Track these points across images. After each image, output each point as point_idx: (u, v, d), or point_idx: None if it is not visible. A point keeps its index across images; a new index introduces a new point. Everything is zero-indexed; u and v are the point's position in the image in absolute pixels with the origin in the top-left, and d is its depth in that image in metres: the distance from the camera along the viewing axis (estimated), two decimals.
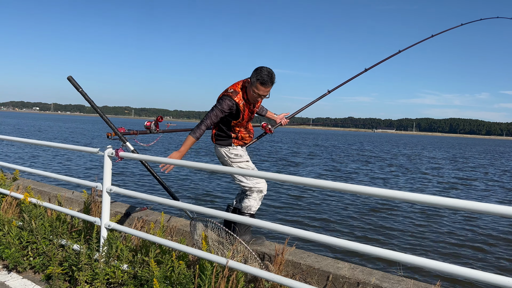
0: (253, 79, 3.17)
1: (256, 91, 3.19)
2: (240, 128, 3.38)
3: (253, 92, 3.21)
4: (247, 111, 3.32)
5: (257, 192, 3.37)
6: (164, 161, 2.92)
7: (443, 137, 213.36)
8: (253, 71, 3.20)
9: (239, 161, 3.40)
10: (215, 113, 3.21)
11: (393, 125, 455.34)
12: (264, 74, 3.14)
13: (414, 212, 9.26)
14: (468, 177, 18.15)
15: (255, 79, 3.16)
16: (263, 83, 3.15)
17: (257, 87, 3.17)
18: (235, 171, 2.76)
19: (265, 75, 3.14)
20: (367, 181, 14.86)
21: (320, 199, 10.12)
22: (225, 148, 3.39)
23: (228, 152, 3.38)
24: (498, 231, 8.05)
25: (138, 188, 10.51)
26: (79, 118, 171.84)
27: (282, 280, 2.29)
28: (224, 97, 3.24)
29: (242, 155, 3.41)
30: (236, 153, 3.40)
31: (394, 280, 2.71)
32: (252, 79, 3.19)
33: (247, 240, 3.29)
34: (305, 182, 2.22)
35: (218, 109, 3.20)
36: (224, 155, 3.40)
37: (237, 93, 3.23)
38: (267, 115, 3.94)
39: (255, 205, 3.38)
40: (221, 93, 3.32)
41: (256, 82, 3.16)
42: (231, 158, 3.39)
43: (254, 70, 3.21)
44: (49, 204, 3.85)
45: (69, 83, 3.45)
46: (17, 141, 4.38)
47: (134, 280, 2.88)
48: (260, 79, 3.14)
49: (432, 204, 1.86)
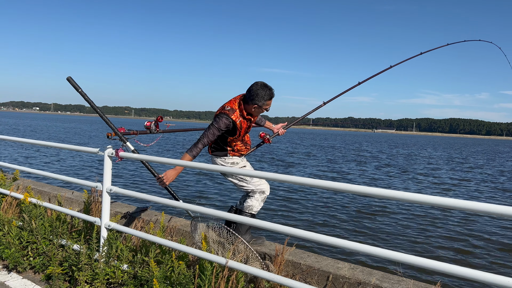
0: (260, 97, 3.22)
1: (265, 107, 3.30)
2: (236, 142, 3.41)
3: (261, 109, 3.29)
4: (244, 127, 3.34)
5: (260, 193, 3.38)
6: (165, 161, 2.92)
7: (443, 137, 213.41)
8: (255, 90, 3.22)
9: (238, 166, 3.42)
10: (212, 132, 3.23)
11: (393, 125, 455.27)
12: (269, 89, 3.25)
13: (414, 212, 9.26)
14: (463, 177, 18.16)
15: (264, 98, 3.23)
16: (271, 97, 3.29)
17: (267, 104, 3.29)
18: (235, 171, 2.75)
19: (270, 89, 3.26)
20: (368, 182, 14.86)
21: (320, 199, 10.13)
22: (221, 158, 3.41)
23: (224, 162, 3.40)
24: (498, 231, 8.06)
25: (138, 188, 10.51)
26: (79, 118, 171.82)
27: (282, 280, 2.30)
28: (221, 115, 3.24)
29: (238, 162, 3.43)
30: (232, 161, 3.41)
31: (394, 280, 2.71)
32: (257, 102, 3.23)
33: (247, 240, 3.30)
34: (305, 182, 2.22)
35: (215, 127, 3.22)
36: (221, 165, 3.40)
37: (234, 111, 3.24)
38: (266, 126, 3.97)
39: (257, 205, 3.38)
40: (218, 110, 3.33)
41: (266, 100, 3.26)
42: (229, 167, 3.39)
43: (254, 88, 3.23)
44: (49, 204, 3.85)
45: (68, 84, 3.45)
46: (17, 141, 4.38)
47: (134, 280, 2.88)
48: (269, 94, 3.26)
49: (432, 204, 1.86)
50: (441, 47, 4.64)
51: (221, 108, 3.31)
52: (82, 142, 28.09)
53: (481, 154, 41.33)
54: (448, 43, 4.62)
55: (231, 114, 3.22)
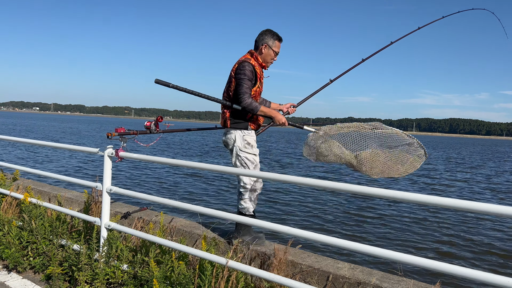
0: (270, 39, 3.36)
1: (274, 50, 3.38)
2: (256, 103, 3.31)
3: (270, 52, 3.37)
4: (262, 76, 3.37)
5: (251, 191, 3.31)
6: (165, 161, 2.92)
7: (443, 137, 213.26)
8: (263, 35, 3.37)
9: (248, 152, 3.32)
10: (247, 84, 3.19)
11: (393, 125, 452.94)
12: (275, 32, 3.40)
13: (413, 212, 9.26)
14: (460, 178, 18.15)
15: (273, 37, 3.37)
16: (280, 39, 3.41)
17: (275, 45, 3.38)
18: (235, 171, 2.75)
19: (277, 32, 3.39)
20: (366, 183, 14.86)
21: (320, 199, 10.12)
22: (240, 131, 3.30)
23: (242, 138, 3.30)
24: (498, 231, 8.06)
25: (138, 188, 10.51)
26: (79, 118, 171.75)
27: (282, 280, 2.29)
28: (242, 63, 3.23)
29: (253, 145, 3.34)
30: (249, 141, 3.32)
31: (394, 280, 2.71)
32: (267, 40, 3.35)
33: (247, 240, 3.29)
34: (305, 182, 2.22)
35: (246, 77, 3.18)
36: (236, 140, 3.30)
37: (249, 59, 3.30)
38: (273, 107, 3.80)
39: (251, 206, 3.33)
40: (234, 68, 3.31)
41: (275, 40, 3.37)
42: (241, 146, 3.30)
43: (262, 32, 3.39)
44: (49, 204, 3.85)
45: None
46: (17, 141, 4.38)
47: (134, 280, 2.88)
48: (276, 35, 3.38)
49: (432, 204, 1.86)
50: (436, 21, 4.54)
51: (237, 63, 3.30)
52: (79, 142, 28.08)
53: (479, 154, 41.31)
54: (443, 16, 4.55)
55: (249, 60, 3.27)
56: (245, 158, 3.31)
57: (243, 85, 3.18)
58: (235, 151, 3.33)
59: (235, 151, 3.33)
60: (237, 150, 3.31)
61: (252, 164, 3.34)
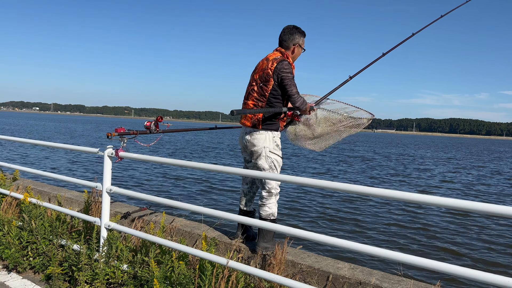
0: (300, 38, 3.26)
1: (303, 48, 3.32)
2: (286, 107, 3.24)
3: (300, 51, 3.30)
4: None
5: (276, 195, 3.20)
6: (165, 161, 2.92)
7: (443, 137, 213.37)
8: (294, 34, 3.23)
9: (277, 154, 3.19)
10: (294, 83, 3.10)
11: (393, 125, 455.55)
12: (301, 28, 3.27)
13: (413, 212, 9.26)
14: (461, 178, 18.16)
15: (302, 36, 3.28)
16: (305, 35, 3.31)
17: (304, 43, 3.30)
18: (235, 172, 2.74)
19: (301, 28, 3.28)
20: (369, 183, 14.86)
21: (319, 199, 10.12)
22: (271, 133, 3.16)
23: (272, 139, 3.16)
24: (498, 231, 8.06)
25: (138, 188, 10.51)
26: (78, 118, 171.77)
27: (282, 280, 2.29)
28: (284, 62, 3.10)
29: (280, 148, 3.25)
30: (278, 143, 3.22)
31: (394, 280, 2.71)
32: (298, 40, 3.25)
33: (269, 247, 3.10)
34: (305, 182, 2.22)
35: (292, 76, 3.10)
36: (266, 141, 3.14)
37: (287, 59, 3.18)
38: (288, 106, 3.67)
39: (276, 210, 3.21)
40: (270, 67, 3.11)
41: (303, 36, 3.29)
42: (271, 148, 3.16)
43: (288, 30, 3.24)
44: (49, 204, 3.85)
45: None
46: (16, 141, 4.38)
47: (134, 280, 2.88)
48: (304, 33, 3.28)
49: (432, 204, 1.86)
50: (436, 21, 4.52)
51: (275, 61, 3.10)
52: (75, 142, 28.08)
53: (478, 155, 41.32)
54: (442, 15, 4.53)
55: (287, 59, 3.15)
56: (275, 160, 3.17)
57: (294, 84, 3.10)
58: (265, 152, 3.15)
59: (264, 153, 3.15)
60: (267, 152, 3.15)
61: (279, 167, 3.23)
